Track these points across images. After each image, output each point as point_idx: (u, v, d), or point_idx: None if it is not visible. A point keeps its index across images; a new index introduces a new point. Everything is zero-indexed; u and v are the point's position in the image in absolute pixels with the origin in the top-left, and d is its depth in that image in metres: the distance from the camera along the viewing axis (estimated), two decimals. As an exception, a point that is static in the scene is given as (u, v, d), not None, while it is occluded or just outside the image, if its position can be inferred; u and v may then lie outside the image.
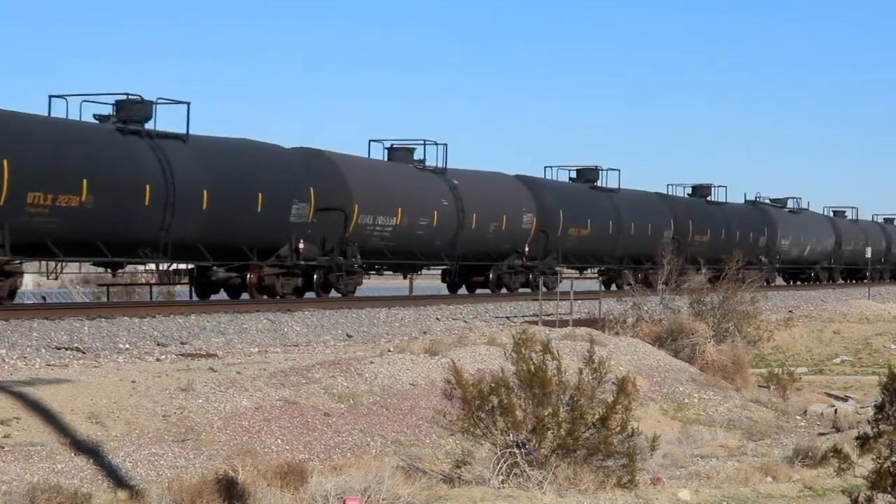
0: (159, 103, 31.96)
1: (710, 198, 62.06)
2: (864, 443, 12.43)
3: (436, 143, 42.61)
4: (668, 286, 31.50)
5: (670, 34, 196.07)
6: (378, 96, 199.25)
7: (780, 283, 68.43)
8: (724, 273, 32.40)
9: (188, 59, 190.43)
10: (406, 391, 19.46)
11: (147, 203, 30.27)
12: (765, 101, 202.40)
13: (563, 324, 30.31)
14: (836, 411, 25.55)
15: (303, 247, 34.96)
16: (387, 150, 42.29)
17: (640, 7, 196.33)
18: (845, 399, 27.96)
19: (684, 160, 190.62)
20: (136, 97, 31.43)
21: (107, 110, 31.40)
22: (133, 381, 16.94)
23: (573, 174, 52.99)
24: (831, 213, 77.80)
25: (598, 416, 14.75)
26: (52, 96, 31.08)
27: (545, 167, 53.06)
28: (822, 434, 22.31)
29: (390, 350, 22.61)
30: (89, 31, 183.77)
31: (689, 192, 61.82)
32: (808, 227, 70.11)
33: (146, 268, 33.90)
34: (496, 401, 14.71)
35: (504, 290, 44.56)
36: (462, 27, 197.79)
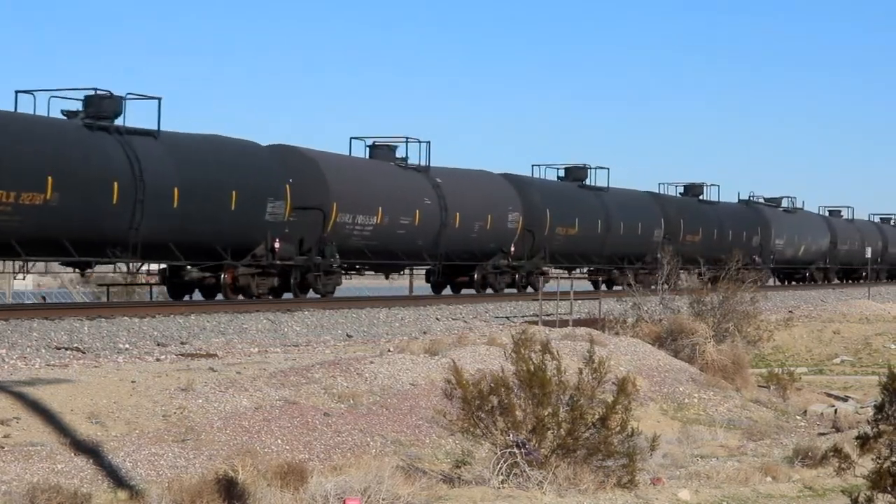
0: (129, 99, 31.18)
1: (702, 197, 61.18)
2: (864, 443, 12.44)
3: (418, 141, 41.82)
4: (668, 286, 31.50)
5: (664, 32, 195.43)
6: (362, 94, 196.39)
7: (775, 284, 68.06)
8: (724, 273, 32.37)
9: (183, 57, 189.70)
10: (406, 391, 19.46)
11: (115, 201, 29.34)
12: (760, 99, 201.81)
13: (563, 324, 30.33)
14: (836, 411, 25.55)
15: (278, 246, 34.11)
16: (368, 148, 41.47)
17: (632, 4, 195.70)
18: (845, 399, 27.96)
19: (677, 159, 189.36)
20: (105, 92, 30.53)
21: (76, 106, 30.51)
22: (133, 381, 16.94)
23: (561, 173, 52.15)
24: (827, 213, 77.12)
25: (598, 416, 14.76)
26: (18, 91, 30.27)
27: (533, 165, 51.87)
28: (822, 434, 22.31)
29: (390, 350, 22.61)
30: (61, 27, 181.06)
31: (682, 191, 61.02)
32: (803, 226, 69.36)
33: (116, 268, 32.61)
34: (496, 401, 14.71)
35: (489, 291, 43.70)
36: (453, 25, 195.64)
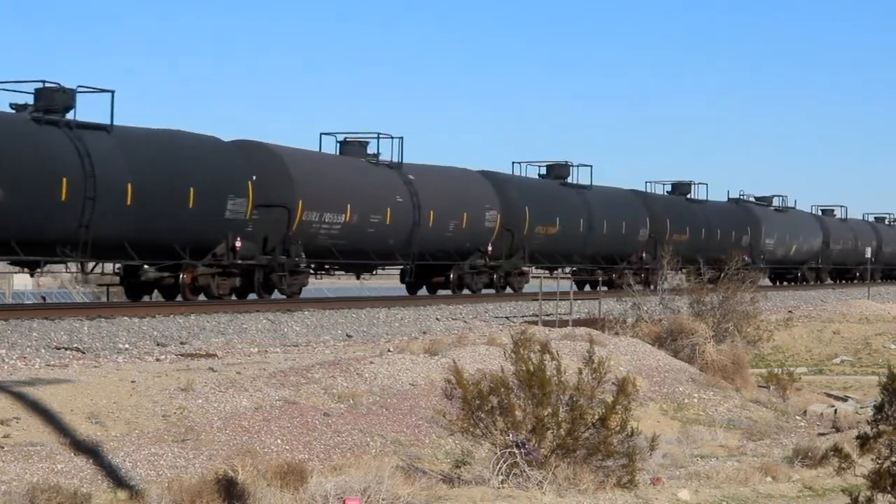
0: (80, 92, 30.01)
1: (690, 195, 59.69)
2: (863, 443, 12.46)
3: (391, 137, 40.35)
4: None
5: (653, 27, 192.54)
6: (336, 90, 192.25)
7: (765, 284, 67.57)
8: (723, 274, 32.38)
9: (179, 56, 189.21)
10: (406, 391, 19.46)
11: (64, 198, 28.20)
12: (752, 97, 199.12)
13: (563, 324, 30.35)
14: (835, 411, 25.55)
15: (240, 245, 32.87)
16: (339, 144, 40.10)
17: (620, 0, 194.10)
18: (845, 399, 27.97)
19: (665, 157, 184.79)
20: (55, 85, 29.49)
21: (27, 100, 29.42)
22: (133, 381, 16.95)
23: (543, 170, 50.68)
24: (819, 212, 76.44)
25: (597, 417, 14.76)
26: None
27: (513, 162, 50.10)
28: (822, 434, 22.32)
29: (390, 350, 22.61)
30: (19, 23, 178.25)
31: (669, 189, 59.65)
32: (795, 225, 68.25)
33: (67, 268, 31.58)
34: (496, 401, 14.72)
35: (466, 291, 42.45)
36: (431, 18, 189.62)
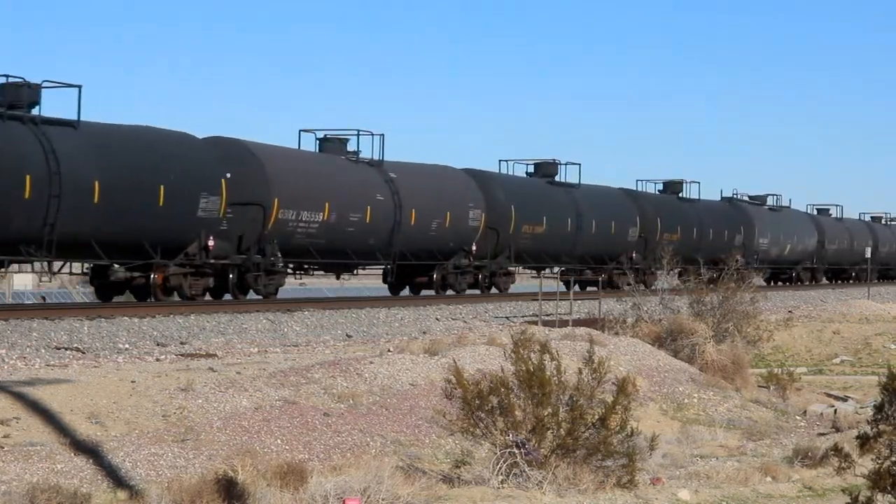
0: (47, 87, 29.29)
1: (682, 194, 58.75)
2: (863, 443, 12.45)
3: (371, 134, 39.43)
4: (661, 287, 31.50)
5: (644, 24, 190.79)
6: (318, 87, 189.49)
7: (759, 284, 67.29)
8: (723, 274, 32.37)
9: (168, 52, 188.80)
10: (406, 391, 19.46)
11: (27, 195, 27.42)
12: (747, 96, 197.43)
13: (563, 324, 30.36)
14: (835, 411, 25.55)
15: (213, 244, 31.94)
16: (318, 142, 39.26)
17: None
18: (845, 399, 27.97)
19: (657, 156, 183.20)
20: (19, 79, 28.71)
21: None
22: (133, 382, 16.95)
23: (531, 169, 49.74)
24: (815, 211, 75.83)
25: (597, 417, 14.76)
26: None
27: (500, 161, 49.17)
28: (822, 434, 22.32)
29: (390, 350, 22.62)
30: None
31: (661, 188, 58.66)
32: (789, 225, 67.45)
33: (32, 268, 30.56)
34: (496, 401, 14.72)
35: (450, 292, 41.63)
36: (417, 13, 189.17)
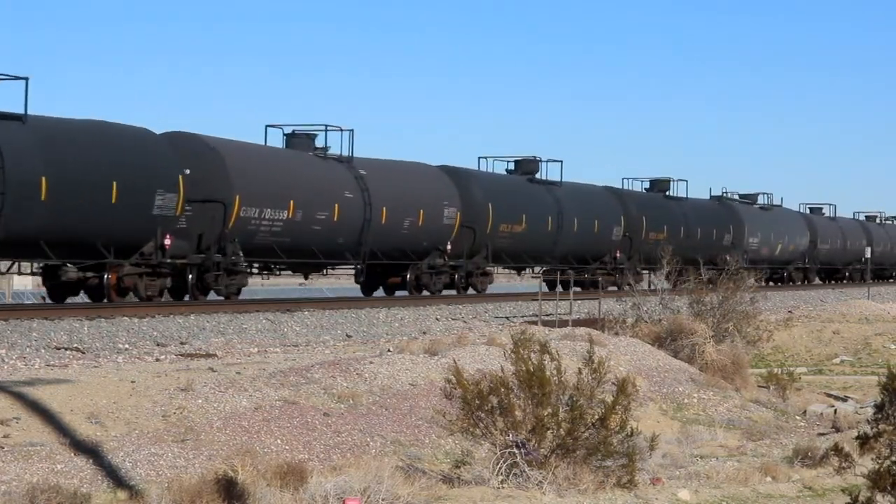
0: None
1: (669, 192, 57.67)
2: (863, 442, 12.45)
3: (340, 129, 38.49)
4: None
5: (631, 18, 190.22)
6: (287, 81, 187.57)
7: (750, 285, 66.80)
8: (722, 274, 32.36)
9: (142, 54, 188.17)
10: (405, 391, 19.46)
11: None
12: (738, 93, 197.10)
13: (563, 324, 30.37)
14: (835, 411, 25.55)
15: (170, 243, 31.00)
16: (285, 137, 38.36)
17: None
18: (845, 399, 27.96)
19: (645, 154, 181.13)
20: None
21: None
22: (133, 382, 16.95)
23: (511, 166, 48.67)
24: (808, 210, 75.44)
25: (597, 417, 14.76)
26: None
27: (479, 158, 48.31)
28: (822, 434, 22.32)
29: (390, 350, 22.62)
30: None
31: (647, 186, 57.82)
32: (780, 224, 66.59)
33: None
34: (496, 401, 14.72)
35: (425, 292, 40.74)
36: (394, 4, 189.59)
